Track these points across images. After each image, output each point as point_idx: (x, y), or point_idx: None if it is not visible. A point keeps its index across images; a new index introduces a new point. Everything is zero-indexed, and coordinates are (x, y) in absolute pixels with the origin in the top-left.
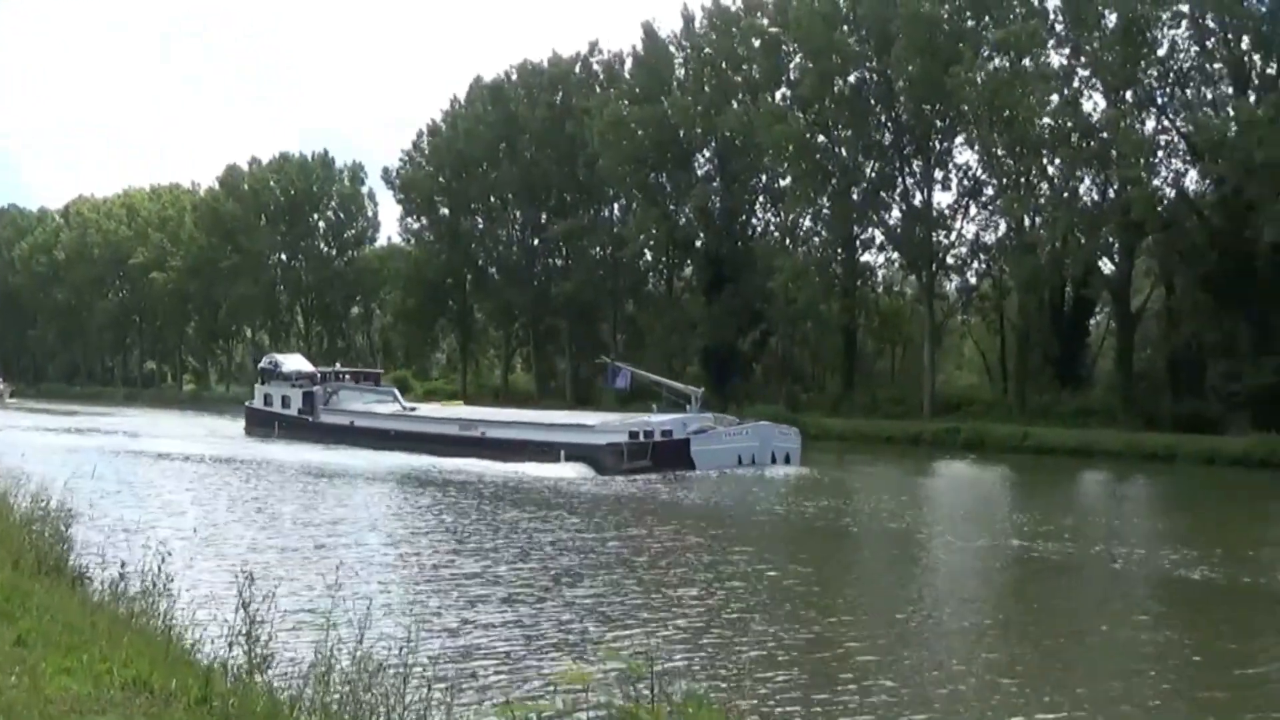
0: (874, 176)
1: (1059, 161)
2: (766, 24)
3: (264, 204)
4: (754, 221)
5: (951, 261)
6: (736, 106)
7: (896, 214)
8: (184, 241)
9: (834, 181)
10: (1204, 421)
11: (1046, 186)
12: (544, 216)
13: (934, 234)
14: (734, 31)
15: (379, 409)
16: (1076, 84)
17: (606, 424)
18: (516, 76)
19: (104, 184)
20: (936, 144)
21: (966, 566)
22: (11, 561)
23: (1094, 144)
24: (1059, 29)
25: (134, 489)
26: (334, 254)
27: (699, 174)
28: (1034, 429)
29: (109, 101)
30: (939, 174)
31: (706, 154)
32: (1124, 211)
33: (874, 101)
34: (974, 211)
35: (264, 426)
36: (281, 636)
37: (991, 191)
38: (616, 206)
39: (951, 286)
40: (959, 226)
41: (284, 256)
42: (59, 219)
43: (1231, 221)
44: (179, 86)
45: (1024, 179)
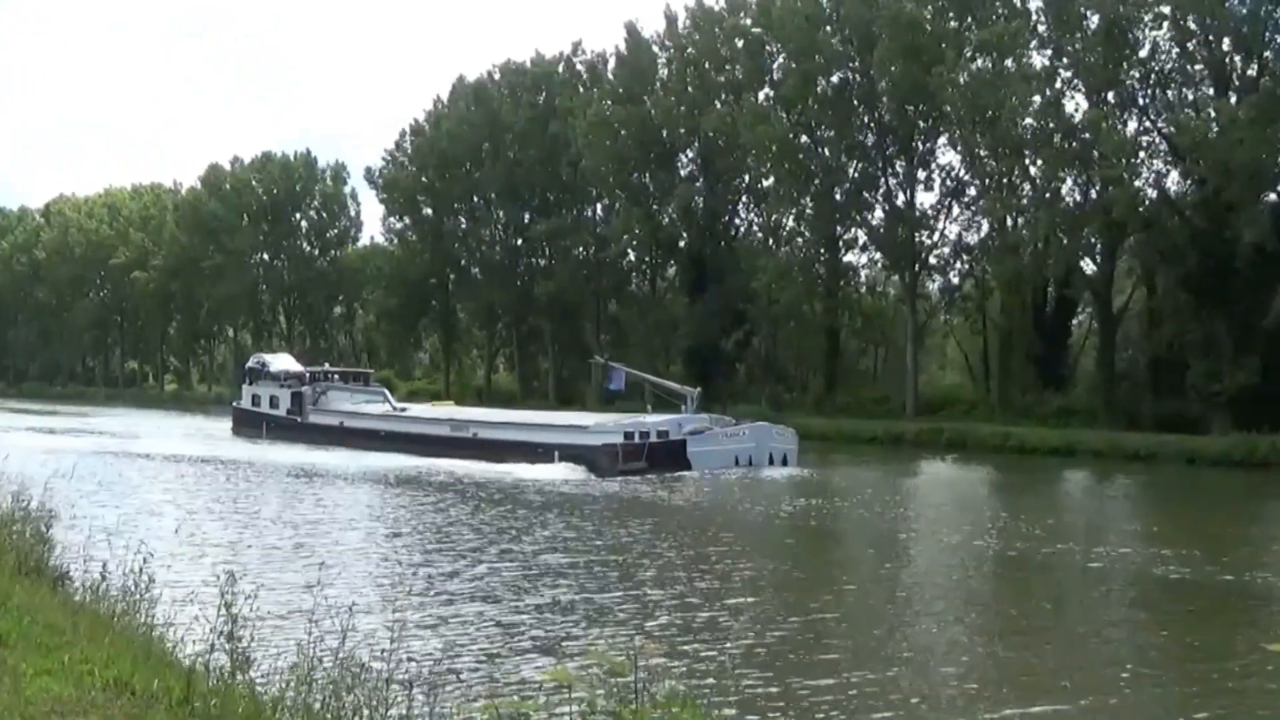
0: (857, 177)
1: (1041, 162)
2: (749, 24)
3: (246, 203)
4: (737, 221)
5: (934, 262)
6: (720, 107)
7: (879, 214)
8: (166, 241)
9: (817, 182)
10: (1185, 421)
11: (1029, 187)
12: (527, 216)
13: (917, 234)
14: (717, 32)
15: (368, 409)
16: (1059, 85)
17: (601, 424)
18: (500, 76)
19: (100, 183)
20: (919, 144)
21: (951, 565)
22: None
23: (1076, 145)
24: (1041, 30)
25: (119, 490)
26: (316, 254)
27: (682, 174)
28: (1016, 429)
29: (109, 102)
30: (922, 174)
31: (689, 154)
32: (1106, 212)
33: (857, 102)
34: (956, 212)
35: (252, 427)
36: (264, 637)
37: (974, 192)
38: (600, 206)
39: (934, 287)
40: (942, 227)
41: (266, 256)
42: (40, 218)
43: (1212, 222)
44: (179, 86)
45: (1006, 179)
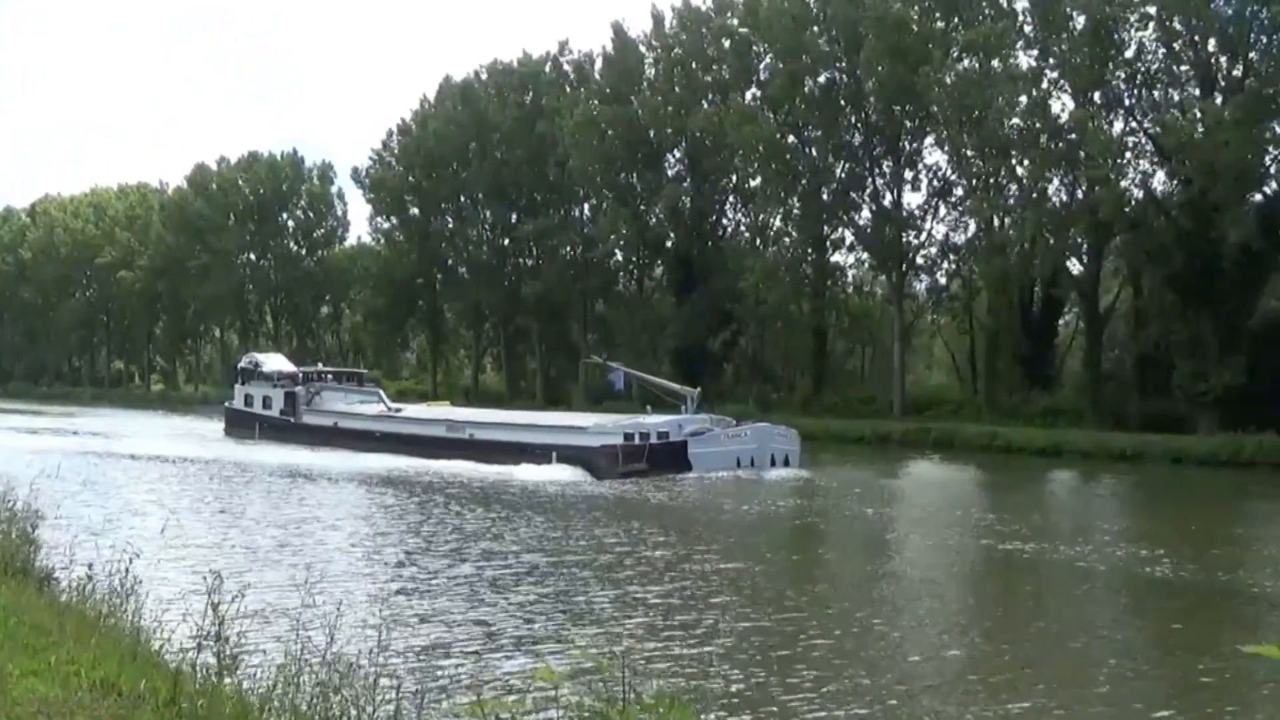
0: (844, 177)
1: (1028, 162)
2: (736, 24)
3: (232, 203)
4: (724, 222)
5: (921, 262)
6: (706, 107)
7: (866, 214)
8: (152, 241)
9: (804, 182)
10: (1171, 421)
11: (1015, 187)
12: (514, 216)
13: (904, 234)
14: (704, 32)
15: (363, 410)
16: (1045, 85)
17: (600, 425)
18: (487, 76)
19: (89, 184)
20: (906, 144)
21: (936, 565)
22: None
23: (1062, 145)
24: (1028, 31)
25: (106, 490)
26: (303, 253)
27: (669, 174)
28: (1003, 429)
29: (102, 102)
30: (908, 174)
31: (677, 154)
32: (1092, 212)
33: (844, 102)
34: (943, 212)
35: (245, 428)
36: (252, 637)
37: (961, 192)
38: (587, 206)
39: (921, 287)
40: (928, 227)
41: (253, 256)
42: (25, 218)
43: (1198, 222)
44: (179, 86)
45: (993, 179)
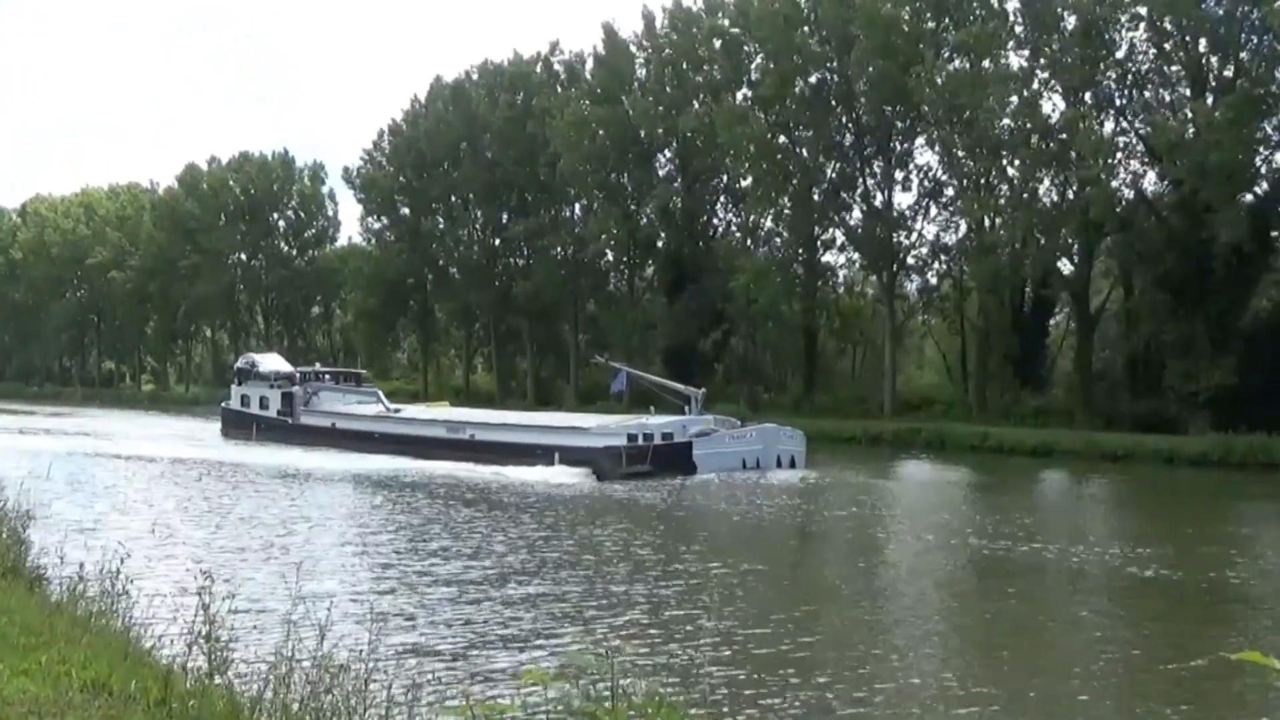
0: (835, 177)
1: (1018, 162)
2: (727, 24)
3: (223, 203)
4: (715, 222)
5: (912, 262)
6: (697, 107)
7: (857, 214)
8: (143, 241)
9: (795, 182)
10: (1162, 421)
11: (1006, 187)
12: (505, 216)
13: (895, 234)
14: (695, 32)
15: (361, 410)
16: (1036, 85)
17: (604, 426)
18: (478, 76)
19: (80, 183)
20: (897, 145)
21: (925, 566)
22: None
23: (1053, 145)
24: (1018, 31)
25: (103, 491)
26: (294, 253)
27: (660, 174)
28: (994, 429)
29: (107, 101)
30: (899, 175)
31: (667, 154)
32: (1083, 212)
33: (835, 102)
34: (934, 212)
35: (241, 428)
36: (243, 637)
37: (952, 192)
38: (578, 206)
39: (912, 287)
40: (919, 227)
41: (244, 256)
42: (16, 218)
43: (1189, 222)
44: (179, 86)
45: (984, 180)
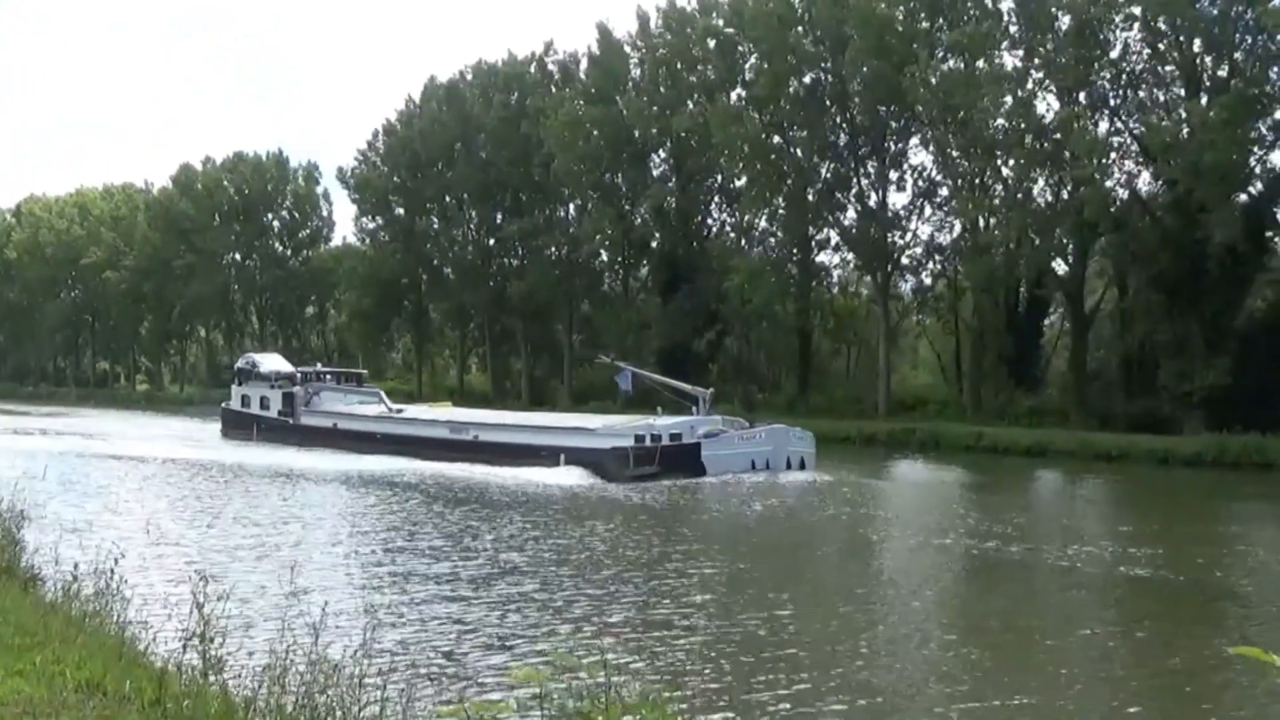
0: (829, 177)
1: (1013, 162)
2: (721, 24)
3: (218, 203)
4: (709, 222)
5: (906, 262)
6: (692, 107)
7: (852, 215)
8: (137, 241)
9: (789, 182)
10: (1157, 421)
11: (1000, 187)
12: (499, 216)
13: (889, 235)
14: (689, 32)
15: (363, 411)
16: (1030, 85)
17: (610, 427)
18: (472, 76)
19: (74, 183)
20: (891, 145)
21: (918, 565)
22: None
23: (1047, 145)
24: (1013, 31)
25: (99, 492)
26: (289, 254)
27: (654, 174)
28: (988, 429)
29: (107, 102)
30: (894, 175)
31: (662, 154)
32: (1077, 212)
33: (829, 102)
34: (929, 212)
35: (242, 429)
36: (237, 637)
37: (946, 192)
38: (572, 206)
39: (906, 287)
40: (914, 227)
41: (238, 256)
42: (10, 218)
43: (1183, 222)
44: (174, 87)
45: (978, 180)
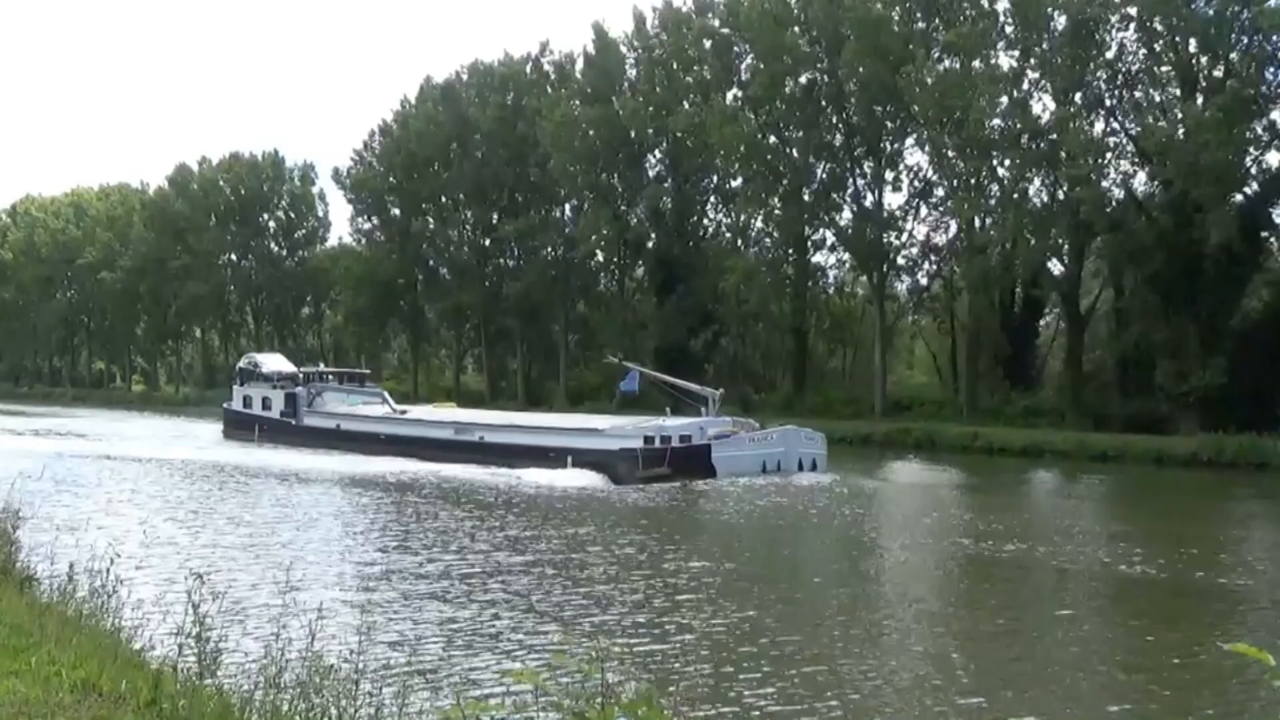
0: (825, 177)
1: (1009, 163)
2: (717, 25)
3: (214, 204)
4: (705, 222)
5: (902, 262)
6: (688, 107)
7: (847, 215)
8: (133, 241)
9: (785, 182)
10: (1153, 421)
11: (996, 187)
12: (495, 217)
13: (885, 235)
14: (685, 32)
15: (367, 411)
16: (1026, 86)
17: (619, 428)
18: (468, 77)
19: (71, 184)
20: (887, 145)
21: (914, 565)
22: None
23: (1043, 145)
24: (1009, 31)
25: (97, 492)
26: (284, 254)
27: (650, 174)
28: (984, 429)
29: (100, 102)
30: (889, 175)
31: (658, 154)
32: (1073, 212)
33: (825, 102)
34: (924, 212)
35: (244, 430)
36: (233, 637)
37: (942, 192)
38: (568, 207)
39: (902, 287)
40: (910, 227)
41: (234, 256)
42: (5, 218)
43: (1179, 223)
44: (171, 87)
45: (974, 180)
